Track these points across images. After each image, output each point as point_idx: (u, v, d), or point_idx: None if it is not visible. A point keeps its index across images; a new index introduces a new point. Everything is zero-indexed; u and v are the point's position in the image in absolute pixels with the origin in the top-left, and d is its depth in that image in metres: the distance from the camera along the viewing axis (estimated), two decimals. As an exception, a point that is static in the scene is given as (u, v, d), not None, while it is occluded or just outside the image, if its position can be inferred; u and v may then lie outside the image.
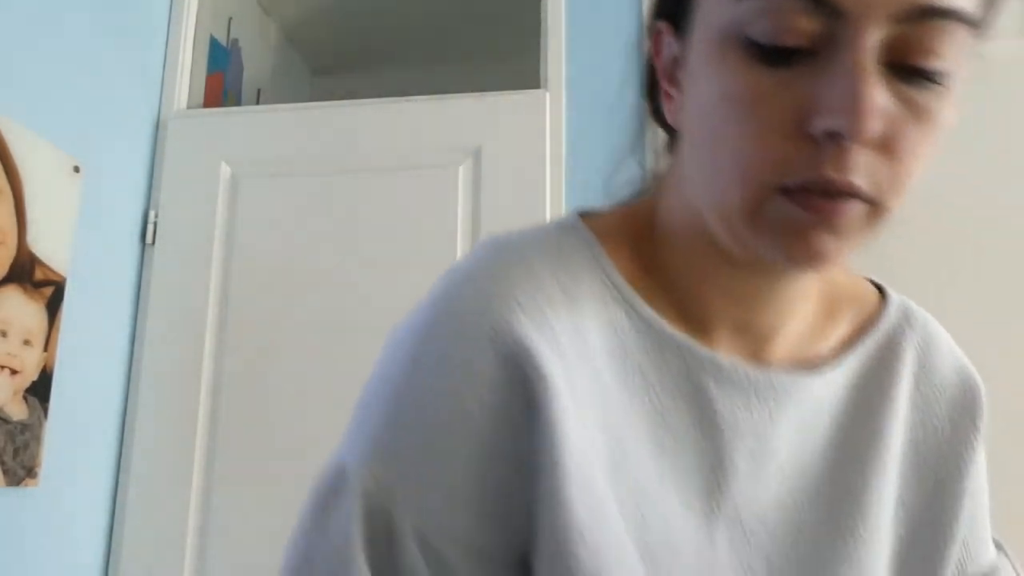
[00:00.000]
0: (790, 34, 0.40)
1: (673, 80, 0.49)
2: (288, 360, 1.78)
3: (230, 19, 2.27)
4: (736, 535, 0.46)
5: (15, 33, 1.57)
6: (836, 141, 0.40)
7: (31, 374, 1.55)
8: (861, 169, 0.40)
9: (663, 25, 0.50)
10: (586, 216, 0.52)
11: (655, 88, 0.52)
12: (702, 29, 0.45)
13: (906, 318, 0.54)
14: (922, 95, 0.41)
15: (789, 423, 0.48)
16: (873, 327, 0.53)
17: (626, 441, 0.45)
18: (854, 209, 0.41)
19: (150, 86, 1.98)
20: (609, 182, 0.58)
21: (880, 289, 0.57)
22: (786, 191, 0.41)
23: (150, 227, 1.91)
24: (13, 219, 1.53)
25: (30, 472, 1.54)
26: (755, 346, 0.50)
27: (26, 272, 1.55)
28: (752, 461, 0.47)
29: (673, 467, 0.45)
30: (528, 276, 0.46)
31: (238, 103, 2.29)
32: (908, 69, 0.40)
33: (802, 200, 0.41)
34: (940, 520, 0.51)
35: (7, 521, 1.51)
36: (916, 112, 0.41)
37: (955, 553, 0.50)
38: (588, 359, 0.45)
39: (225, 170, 1.94)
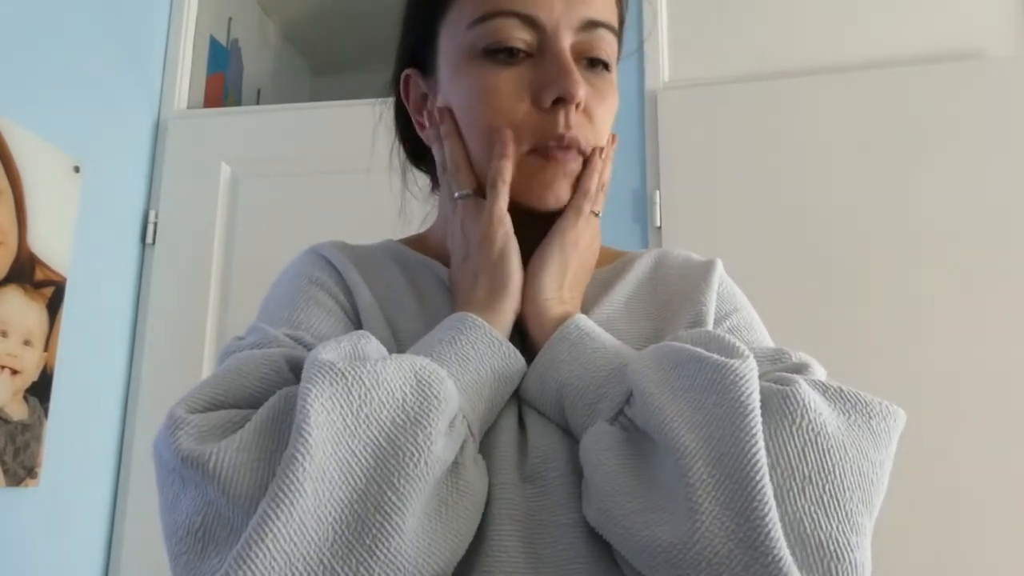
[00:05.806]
0: (512, 41, 0.61)
1: (423, 112, 0.70)
2: (288, 360, 1.78)
3: (230, 19, 2.27)
4: None
5: (15, 33, 1.57)
6: (561, 105, 0.60)
7: (31, 374, 1.55)
8: (576, 127, 0.61)
9: (411, 71, 0.70)
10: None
11: (408, 128, 0.74)
12: (446, 60, 0.65)
13: (645, 255, 0.73)
14: (598, 78, 0.63)
15: None
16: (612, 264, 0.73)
17: (401, 306, 0.68)
18: (576, 159, 0.63)
19: (150, 86, 1.98)
20: None
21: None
22: (533, 151, 0.62)
23: (150, 227, 1.91)
24: (13, 219, 1.53)
25: (30, 472, 1.54)
26: None
27: (26, 272, 1.55)
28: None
29: (426, 323, 0.65)
30: (334, 244, 0.75)
31: (238, 103, 2.29)
32: (588, 60, 0.63)
33: (545, 153, 0.61)
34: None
35: (7, 521, 1.51)
36: (598, 88, 0.63)
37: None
38: (379, 277, 0.70)
39: (225, 170, 1.94)
